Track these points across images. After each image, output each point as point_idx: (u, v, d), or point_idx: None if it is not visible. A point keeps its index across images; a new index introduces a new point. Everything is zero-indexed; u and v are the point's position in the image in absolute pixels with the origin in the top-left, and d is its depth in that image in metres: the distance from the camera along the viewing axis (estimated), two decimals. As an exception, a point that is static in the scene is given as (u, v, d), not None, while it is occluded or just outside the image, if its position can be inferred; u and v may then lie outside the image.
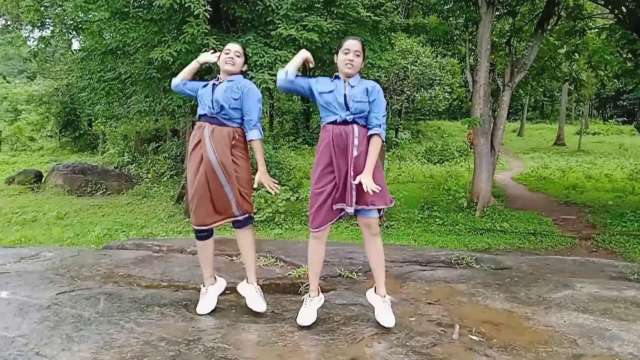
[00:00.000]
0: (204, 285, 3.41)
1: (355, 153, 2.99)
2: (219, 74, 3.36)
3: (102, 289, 3.67)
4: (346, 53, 3.05)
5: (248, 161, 3.37)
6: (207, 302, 3.32)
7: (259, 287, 3.39)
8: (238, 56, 3.30)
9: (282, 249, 4.93)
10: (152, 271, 4.22)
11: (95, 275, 4.06)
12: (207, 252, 3.40)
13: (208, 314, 3.26)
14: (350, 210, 3.01)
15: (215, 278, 3.47)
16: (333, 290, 3.84)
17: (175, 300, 3.48)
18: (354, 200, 2.99)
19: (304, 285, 3.87)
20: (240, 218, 3.32)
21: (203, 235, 3.34)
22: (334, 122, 3.04)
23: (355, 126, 3.02)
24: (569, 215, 11.16)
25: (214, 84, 3.30)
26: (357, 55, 3.06)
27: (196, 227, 3.29)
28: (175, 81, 3.47)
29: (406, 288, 3.93)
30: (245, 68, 3.40)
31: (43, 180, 15.02)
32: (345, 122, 3.01)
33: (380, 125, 3.04)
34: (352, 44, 3.06)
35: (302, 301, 3.20)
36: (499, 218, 10.46)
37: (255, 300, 3.29)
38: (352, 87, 3.06)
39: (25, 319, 3.04)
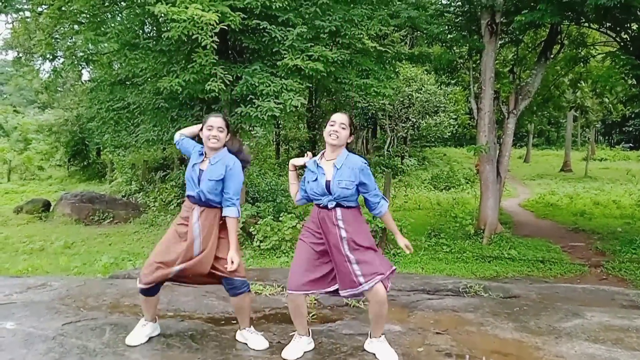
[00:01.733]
0: (144, 319, 3.31)
1: (344, 235, 3.02)
2: (204, 143, 3.30)
3: (107, 319, 3.66)
4: (332, 125, 3.09)
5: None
6: (138, 334, 3.24)
7: (252, 328, 3.32)
8: (221, 131, 3.22)
9: (288, 278, 4.90)
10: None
11: (102, 305, 4.05)
12: (153, 303, 3.30)
13: (215, 344, 3.23)
14: (364, 289, 2.97)
15: (155, 320, 3.38)
16: (340, 320, 3.81)
17: (181, 331, 3.46)
18: (361, 280, 2.95)
19: (310, 315, 3.84)
20: (235, 280, 3.20)
21: (150, 293, 3.21)
22: (319, 205, 3.13)
23: (339, 210, 3.06)
24: (578, 242, 11.05)
25: (196, 164, 3.25)
26: (343, 128, 3.08)
27: (144, 286, 3.15)
28: (175, 137, 3.51)
29: (414, 317, 3.89)
30: (229, 137, 3.33)
31: (51, 209, 15.08)
32: (327, 208, 3.07)
33: (380, 201, 3.15)
34: (338, 117, 3.11)
35: (292, 336, 3.20)
36: (507, 245, 10.38)
37: (256, 340, 3.24)
38: (337, 169, 3.07)
39: (31, 350, 3.02)
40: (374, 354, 3.10)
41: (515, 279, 7.90)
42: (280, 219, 10.00)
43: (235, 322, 3.69)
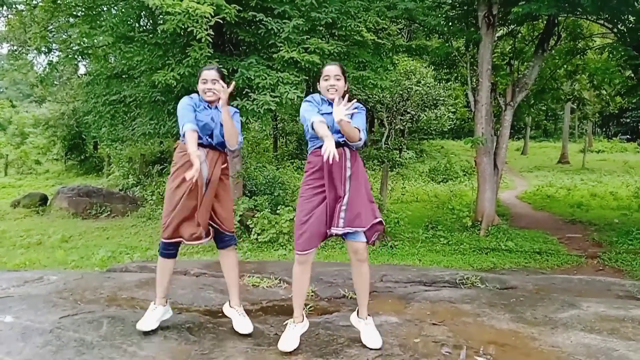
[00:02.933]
0: (154, 303, 3.38)
1: (348, 173, 3.06)
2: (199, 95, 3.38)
3: (105, 312, 3.66)
4: (326, 79, 3.11)
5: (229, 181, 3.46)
6: (149, 319, 3.29)
7: (241, 309, 3.38)
8: (215, 83, 3.27)
9: (285, 270, 4.90)
10: (155, 294, 4.20)
11: (99, 299, 4.05)
12: (168, 272, 3.39)
13: (212, 336, 3.24)
14: (337, 231, 3.02)
15: (166, 301, 3.44)
16: (337, 312, 3.81)
17: (179, 323, 3.46)
18: (340, 222, 3.01)
19: (307, 307, 3.85)
20: (226, 234, 3.36)
21: (171, 252, 3.33)
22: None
23: (347, 148, 3.07)
24: (575, 234, 11.09)
25: (205, 109, 3.31)
26: (338, 79, 3.11)
27: (170, 240, 3.27)
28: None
29: (410, 309, 3.90)
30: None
31: (48, 203, 15.07)
32: (337, 145, 3.01)
33: (364, 133, 3.10)
34: (330, 69, 3.13)
35: (286, 325, 3.18)
36: (504, 237, 10.41)
37: (241, 322, 3.29)
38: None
39: (28, 344, 3.03)
40: (359, 333, 3.13)
41: (512, 270, 7.92)
42: (277, 212, 10.00)
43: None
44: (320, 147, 3.01)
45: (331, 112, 3.05)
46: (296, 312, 3.18)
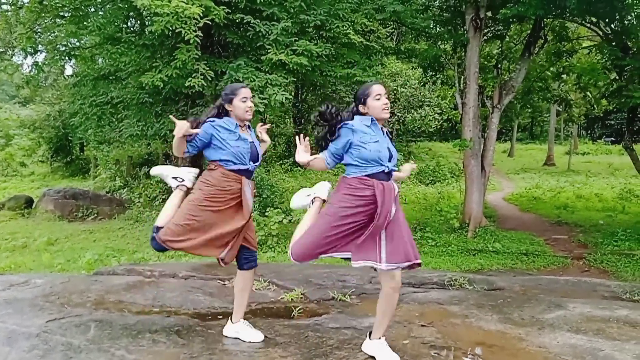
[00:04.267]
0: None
1: (393, 210, 2.83)
2: (227, 114, 3.22)
3: (92, 316, 3.63)
4: (378, 99, 2.85)
5: None
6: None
7: (246, 321, 3.33)
8: (252, 100, 3.25)
9: (274, 273, 4.91)
10: (143, 297, 4.18)
11: (86, 302, 4.02)
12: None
13: (201, 339, 3.23)
14: (380, 267, 2.77)
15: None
16: (326, 314, 3.82)
17: (167, 326, 3.44)
18: (383, 258, 2.76)
19: (296, 309, 3.85)
20: (252, 253, 3.28)
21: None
22: (377, 175, 2.78)
23: (393, 181, 2.88)
24: (561, 235, 11.20)
25: (242, 137, 3.17)
26: (388, 97, 2.93)
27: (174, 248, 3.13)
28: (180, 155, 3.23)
29: (399, 310, 3.91)
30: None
31: (34, 206, 14.90)
32: (388, 176, 2.83)
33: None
34: (382, 89, 2.88)
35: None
36: (491, 239, 10.48)
37: (252, 334, 3.24)
38: (387, 136, 2.95)
39: (14, 348, 2.99)
40: (373, 357, 2.94)
41: (499, 271, 7.99)
42: (266, 214, 9.99)
43: (221, 317, 3.69)
44: (374, 175, 2.79)
45: (377, 141, 2.82)
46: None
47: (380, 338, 2.95)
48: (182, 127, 3.00)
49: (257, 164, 3.24)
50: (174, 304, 4.01)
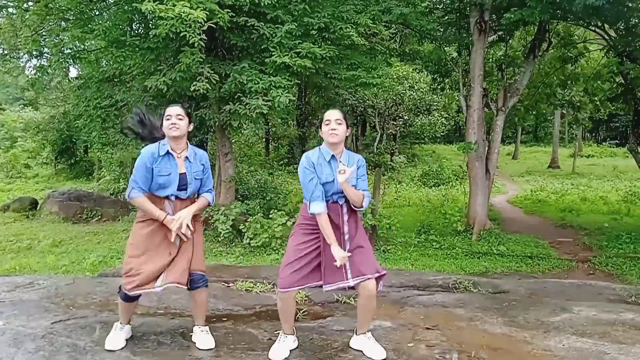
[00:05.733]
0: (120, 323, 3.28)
1: (346, 230, 3.06)
2: (163, 138, 3.27)
3: (97, 318, 3.64)
4: (327, 124, 3.04)
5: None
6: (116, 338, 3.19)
7: (206, 327, 3.29)
8: (180, 119, 3.18)
9: (279, 276, 4.90)
10: (147, 299, 4.18)
11: (91, 304, 4.03)
12: (132, 307, 3.27)
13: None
14: (348, 284, 3.00)
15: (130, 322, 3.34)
16: (331, 317, 3.82)
17: (172, 328, 3.45)
18: (349, 275, 2.99)
19: (301, 312, 3.85)
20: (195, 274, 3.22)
21: (134, 298, 3.16)
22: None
23: (344, 202, 3.06)
24: (566, 238, 11.16)
25: (173, 164, 3.18)
26: (339, 124, 3.03)
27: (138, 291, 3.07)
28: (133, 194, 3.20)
29: (404, 313, 3.91)
30: (191, 128, 3.31)
31: (38, 208, 14.93)
32: (334, 203, 3.05)
33: (369, 197, 3.11)
34: (331, 114, 3.05)
35: (278, 336, 3.18)
36: (496, 241, 10.45)
37: (204, 339, 3.20)
38: (338, 164, 3.04)
39: (20, 349, 3.00)
40: (362, 351, 3.09)
41: (504, 274, 7.96)
42: (270, 216, 9.98)
43: (225, 319, 3.70)
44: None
45: (331, 176, 3.02)
46: (287, 331, 3.17)
47: (365, 333, 3.14)
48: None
49: (187, 192, 3.23)
50: (179, 306, 4.02)
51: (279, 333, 3.20)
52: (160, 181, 3.14)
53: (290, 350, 3.09)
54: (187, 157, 3.22)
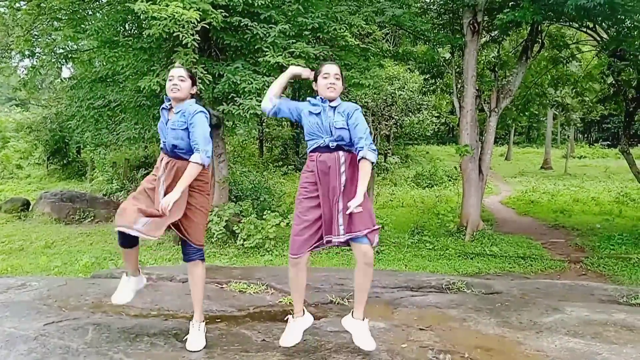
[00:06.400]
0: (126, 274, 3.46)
1: (343, 179, 2.98)
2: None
3: (90, 319, 3.62)
4: (326, 77, 3.05)
5: (207, 195, 3.36)
6: (124, 290, 3.38)
7: (203, 324, 3.27)
8: (182, 80, 3.23)
9: (272, 276, 4.90)
10: (141, 300, 4.17)
11: (83, 305, 4.01)
12: (132, 255, 3.36)
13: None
14: (339, 240, 2.97)
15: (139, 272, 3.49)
16: (324, 317, 3.82)
17: (165, 330, 3.44)
18: (340, 230, 2.96)
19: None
20: (191, 246, 3.26)
21: (129, 241, 3.22)
22: (318, 149, 3.03)
23: (341, 152, 3.00)
24: (558, 239, 11.22)
25: (166, 117, 3.31)
26: (337, 79, 3.06)
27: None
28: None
29: (398, 314, 3.92)
30: (194, 90, 3.34)
31: (30, 209, 14.83)
32: (329, 149, 3.00)
33: (364, 147, 2.91)
34: (331, 68, 3.08)
35: (287, 321, 3.17)
36: (489, 242, 10.49)
37: (195, 339, 3.17)
38: (334, 112, 3.05)
39: (12, 351, 2.98)
40: (351, 335, 3.06)
41: (497, 275, 8.00)
42: (264, 217, 9.97)
43: (219, 320, 3.69)
44: (316, 149, 3.03)
45: (319, 113, 3.06)
46: (296, 308, 3.16)
47: (364, 320, 3.08)
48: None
49: (168, 149, 3.26)
50: (172, 307, 4.00)
51: (272, 334, 3.19)
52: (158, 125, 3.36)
53: (303, 331, 3.07)
54: (179, 112, 3.27)
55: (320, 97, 3.10)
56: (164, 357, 3.00)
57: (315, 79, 3.13)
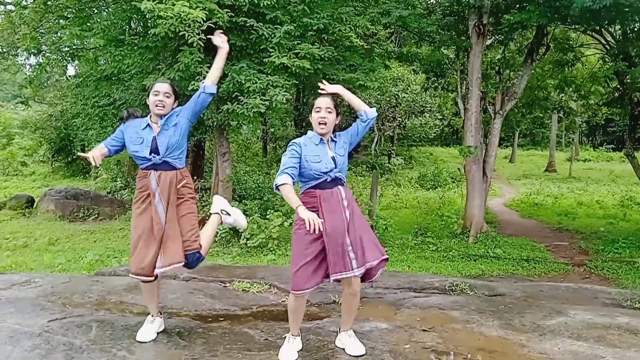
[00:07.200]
0: (151, 316, 3.34)
1: (347, 213, 2.97)
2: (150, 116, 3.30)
3: (94, 316, 3.64)
4: (317, 111, 2.99)
5: (194, 200, 3.34)
6: (147, 331, 3.26)
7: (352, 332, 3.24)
8: (168, 97, 3.22)
9: (275, 275, 4.91)
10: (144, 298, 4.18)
11: (87, 302, 4.02)
12: (153, 291, 3.31)
13: (203, 341, 3.23)
14: (354, 274, 2.93)
15: (160, 314, 3.42)
16: (327, 317, 3.82)
17: (169, 328, 3.45)
18: (354, 264, 2.91)
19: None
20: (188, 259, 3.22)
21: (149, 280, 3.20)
22: (320, 186, 2.96)
23: (341, 187, 3.00)
24: (562, 242, 11.19)
25: (143, 136, 3.23)
26: (329, 112, 2.99)
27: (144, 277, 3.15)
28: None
29: (401, 315, 3.92)
30: (176, 105, 3.32)
31: (35, 206, 14.90)
32: (332, 183, 2.96)
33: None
34: (321, 102, 3.01)
35: (286, 338, 3.16)
36: (492, 244, 10.48)
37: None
38: (334, 142, 3.05)
39: (16, 347, 3.00)
40: (343, 349, 3.11)
41: (500, 277, 7.98)
42: (267, 216, 9.99)
43: (222, 319, 3.70)
44: (314, 187, 2.98)
45: (319, 157, 2.97)
46: (294, 331, 3.14)
47: (347, 330, 3.17)
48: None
49: (159, 155, 3.19)
50: (176, 306, 4.02)
51: (275, 334, 3.20)
52: (135, 149, 3.20)
53: (297, 352, 3.07)
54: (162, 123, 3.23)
55: (320, 138, 3.05)
56: (167, 355, 3.01)
57: (311, 112, 3.08)
